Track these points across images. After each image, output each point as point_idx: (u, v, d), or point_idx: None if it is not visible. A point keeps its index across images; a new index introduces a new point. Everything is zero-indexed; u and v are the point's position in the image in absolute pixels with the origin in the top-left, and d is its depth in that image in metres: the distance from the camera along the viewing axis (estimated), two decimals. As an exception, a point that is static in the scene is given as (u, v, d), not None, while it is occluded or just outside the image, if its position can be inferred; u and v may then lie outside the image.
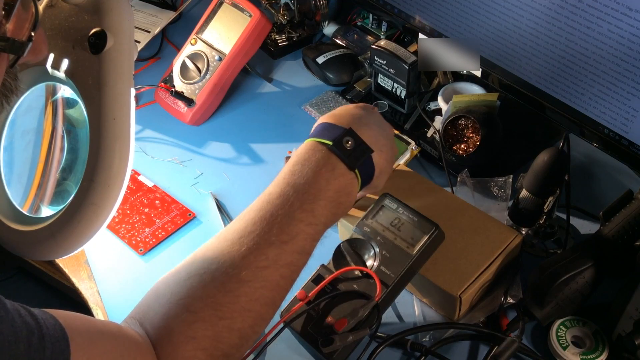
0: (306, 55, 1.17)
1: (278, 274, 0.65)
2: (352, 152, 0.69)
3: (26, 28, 0.54)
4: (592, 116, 0.84)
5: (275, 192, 0.68)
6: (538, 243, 0.88)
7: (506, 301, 0.80)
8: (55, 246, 0.82)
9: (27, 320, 0.53)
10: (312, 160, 0.69)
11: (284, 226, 0.66)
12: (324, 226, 0.69)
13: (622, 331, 0.74)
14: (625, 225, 0.77)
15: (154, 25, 1.23)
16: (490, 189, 0.91)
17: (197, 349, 0.61)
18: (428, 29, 1.00)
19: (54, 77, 0.85)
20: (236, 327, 0.63)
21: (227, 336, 0.63)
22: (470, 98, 0.95)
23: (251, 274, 0.64)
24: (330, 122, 0.71)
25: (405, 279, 0.75)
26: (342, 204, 0.70)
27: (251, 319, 0.64)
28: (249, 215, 0.68)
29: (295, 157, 0.70)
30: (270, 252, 0.65)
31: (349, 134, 0.69)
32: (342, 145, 0.69)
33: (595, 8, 0.77)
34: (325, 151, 0.69)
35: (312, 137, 0.71)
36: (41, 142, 0.89)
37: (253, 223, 0.66)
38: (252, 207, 0.68)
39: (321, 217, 0.68)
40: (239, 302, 0.63)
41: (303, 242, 0.67)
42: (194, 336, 0.61)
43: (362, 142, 0.70)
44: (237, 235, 0.66)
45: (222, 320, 0.62)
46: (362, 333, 0.71)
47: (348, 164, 0.69)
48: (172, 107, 1.10)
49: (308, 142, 0.71)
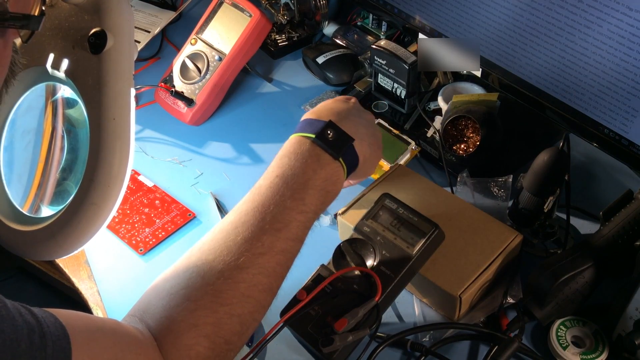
0: (306, 55, 1.17)
1: (274, 261, 0.68)
2: (334, 142, 0.72)
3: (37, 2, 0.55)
4: (592, 116, 0.84)
5: (265, 185, 0.71)
6: (538, 243, 0.88)
7: (506, 301, 0.80)
8: (55, 246, 0.82)
9: (28, 319, 0.54)
10: (297, 153, 0.72)
11: (276, 214, 0.68)
12: (314, 214, 0.72)
13: (622, 331, 0.74)
14: (625, 225, 0.77)
15: (154, 25, 1.23)
16: (490, 189, 0.91)
17: (199, 336, 0.63)
18: (428, 29, 1.00)
19: (54, 77, 0.85)
20: (236, 313, 0.65)
21: (228, 322, 0.64)
22: (470, 98, 0.95)
23: (248, 261, 0.66)
24: (312, 118, 0.75)
25: (405, 279, 0.75)
26: (329, 192, 0.73)
27: (251, 305, 0.66)
28: (241, 207, 0.70)
29: (282, 151, 0.74)
30: (265, 239, 0.67)
31: (330, 125, 0.73)
32: (324, 136, 0.73)
33: (595, 8, 0.77)
34: (309, 143, 0.73)
35: (296, 132, 0.75)
36: (41, 142, 0.89)
37: (246, 214, 0.69)
38: (243, 201, 0.71)
39: (311, 205, 0.71)
40: (238, 288, 0.65)
41: (296, 229, 0.69)
42: (196, 323, 0.63)
43: (343, 132, 0.73)
44: (232, 227, 0.68)
45: (223, 306, 0.64)
46: (362, 333, 0.71)
47: (331, 153, 0.72)
48: (172, 107, 1.10)
49: (293, 137, 0.74)
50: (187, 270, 0.66)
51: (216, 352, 0.64)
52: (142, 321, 0.65)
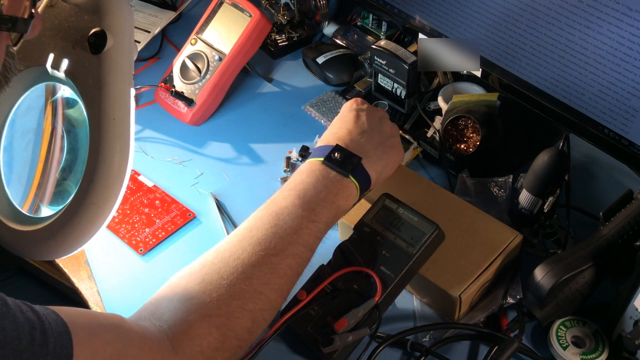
0: (306, 55, 1.17)
1: (285, 264, 0.71)
2: (341, 162, 0.77)
3: (26, 5, 0.55)
4: (592, 116, 0.84)
5: (280, 197, 0.75)
6: (538, 243, 0.88)
7: (506, 301, 0.80)
8: (55, 246, 0.82)
9: (29, 316, 0.54)
10: (310, 172, 0.77)
11: (289, 221, 0.72)
12: (325, 225, 0.74)
13: (622, 331, 0.74)
14: (625, 225, 0.77)
15: (154, 25, 1.23)
16: (490, 189, 0.91)
17: (211, 326, 0.65)
18: (428, 29, 1.00)
19: (54, 77, 0.85)
20: (248, 308, 0.67)
21: (240, 316, 0.67)
22: (470, 98, 0.95)
23: (261, 260, 0.70)
24: (322, 145, 0.80)
25: (405, 279, 0.75)
26: (341, 207, 0.76)
27: (262, 302, 0.69)
28: (256, 215, 0.75)
29: (296, 173, 0.79)
30: (277, 242, 0.71)
31: (336, 148, 0.78)
32: (332, 158, 0.77)
33: (595, 8, 0.77)
34: (320, 164, 0.77)
35: (309, 159, 0.79)
36: (41, 142, 0.89)
37: (260, 219, 0.73)
38: (259, 209, 0.75)
39: (322, 217, 0.74)
40: (251, 284, 0.68)
41: (307, 236, 0.72)
42: (209, 314, 0.66)
43: (349, 152, 0.77)
44: (247, 231, 0.72)
45: (235, 300, 0.67)
46: (362, 333, 0.71)
47: (340, 171, 0.76)
48: (172, 107, 1.10)
49: (305, 163, 0.79)
50: (203, 269, 0.70)
51: (226, 346, 0.66)
52: (153, 316, 0.67)
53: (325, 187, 0.75)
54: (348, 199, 0.76)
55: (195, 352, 0.64)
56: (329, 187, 0.75)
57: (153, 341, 0.63)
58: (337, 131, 0.81)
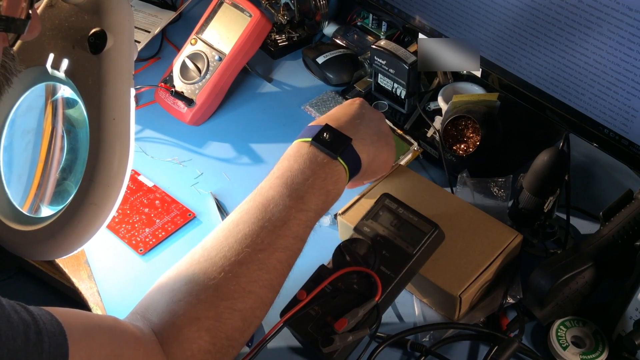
0: (306, 55, 1.17)
1: (274, 257, 0.69)
2: (330, 143, 0.74)
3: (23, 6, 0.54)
4: (592, 116, 0.84)
5: (266, 186, 0.73)
6: (538, 243, 0.88)
7: (506, 301, 0.80)
8: (55, 246, 0.82)
9: (23, 316, 0.54)
10: (297, 156, 0.74)
11: (276, 213, 0.70)
12: (314, 213, 0.72)
13: (622, 331, 0.74)
14: (625, 225, 0.77)
15: (154, 25, 1.23)
16: (490, 189, 0.91)
17: (200, 330, 0.64)
18: (428, 29, 1.00)
19: (54, 77, 0.85)
20: (237, 308, 0.66)
21: (229, 317, 0.65)
22: (470, 98, 0.95)
23: (248, 257, 0.67)
24: (311, 125, 0.77)
25: (405, 279, 0.75)
26: (330, 192, 0.73)
27: (252, 300, 0.67)
28: (243, 207, 0.72)
29: (283, 156, 0.76)
30: (265, 236, 0.69)
31: (325, 128, 0.75)
32: (320, 138, 0.74)
33: (595, 8, 0.77)
34: (308, 146, 0.74)
35: (297, 139, 0.77)
36: (41, 142, 0.89)
37: (247, 212, 0.71)
38: (245, 201, 0.73)
39: (311, 204, 0.72)
40: (239, 283, 0.66)
41: (296, 227, 0.70)
42: (198, 317, 0.64)
43: (339, 133, 0.74)
44: (233, 225, 0.70)
45: (224, 301, 0.65)
46: (362, 333, 0.71)
47: (328, 153, 0.73)
48: (172, 107, 1.10)
49: (293, 143, 0.77)
50: (190, 267, 0.68)
51: (217, 347, 0.65)
52: (144, 318, 0.66)
53: (313, 172, 0.72)
54: (337, 184, 0.73)
55: (186, 356, 0.63)
56: (317, 172, 0.72)
57: (148, 342, 0.63)
58: (333, 113, 0.79)
